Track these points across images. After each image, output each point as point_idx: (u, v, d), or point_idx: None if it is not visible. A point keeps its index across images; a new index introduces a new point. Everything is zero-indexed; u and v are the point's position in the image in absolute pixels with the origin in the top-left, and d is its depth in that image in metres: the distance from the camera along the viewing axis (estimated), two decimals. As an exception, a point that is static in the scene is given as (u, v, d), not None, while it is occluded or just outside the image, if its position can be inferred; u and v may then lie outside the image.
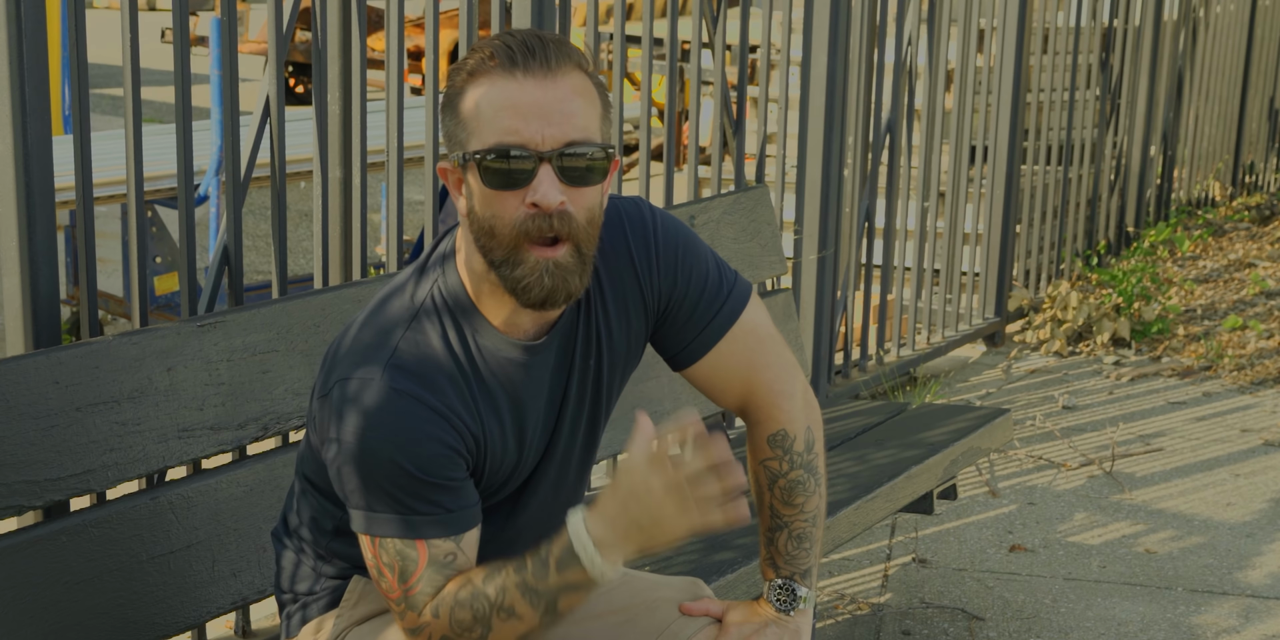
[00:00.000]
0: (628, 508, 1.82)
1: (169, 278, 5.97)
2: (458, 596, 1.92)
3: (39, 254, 2.52)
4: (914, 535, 4.13)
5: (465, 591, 1.92)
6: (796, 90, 6.18)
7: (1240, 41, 8.32)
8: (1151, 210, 7.59)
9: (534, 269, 1.89)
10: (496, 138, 1.87)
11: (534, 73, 1.87)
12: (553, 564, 1.87)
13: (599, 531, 1.85)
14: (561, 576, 1.87)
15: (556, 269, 1.90)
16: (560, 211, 1.88)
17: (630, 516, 1.82)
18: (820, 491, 2.21)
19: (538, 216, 1.88)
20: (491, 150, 1.87)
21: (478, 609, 1.91)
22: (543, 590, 1.88)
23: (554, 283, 1.90)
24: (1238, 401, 5.38)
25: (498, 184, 1.88)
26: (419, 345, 1.96)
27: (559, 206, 1.87)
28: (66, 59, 5.96)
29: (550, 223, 1.88)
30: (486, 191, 1.89)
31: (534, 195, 1.87)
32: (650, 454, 1.79)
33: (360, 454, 1.90)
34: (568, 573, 1.87)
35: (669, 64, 4.06)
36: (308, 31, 11.20)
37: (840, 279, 5.02)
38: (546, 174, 1.87)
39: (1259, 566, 3.98)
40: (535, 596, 1.88)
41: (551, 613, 1.90)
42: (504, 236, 1.89)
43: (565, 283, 1.91)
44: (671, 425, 1.78)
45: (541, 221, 1.88)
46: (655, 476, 1.79)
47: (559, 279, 1.90)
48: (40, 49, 2.48)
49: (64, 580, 2.28)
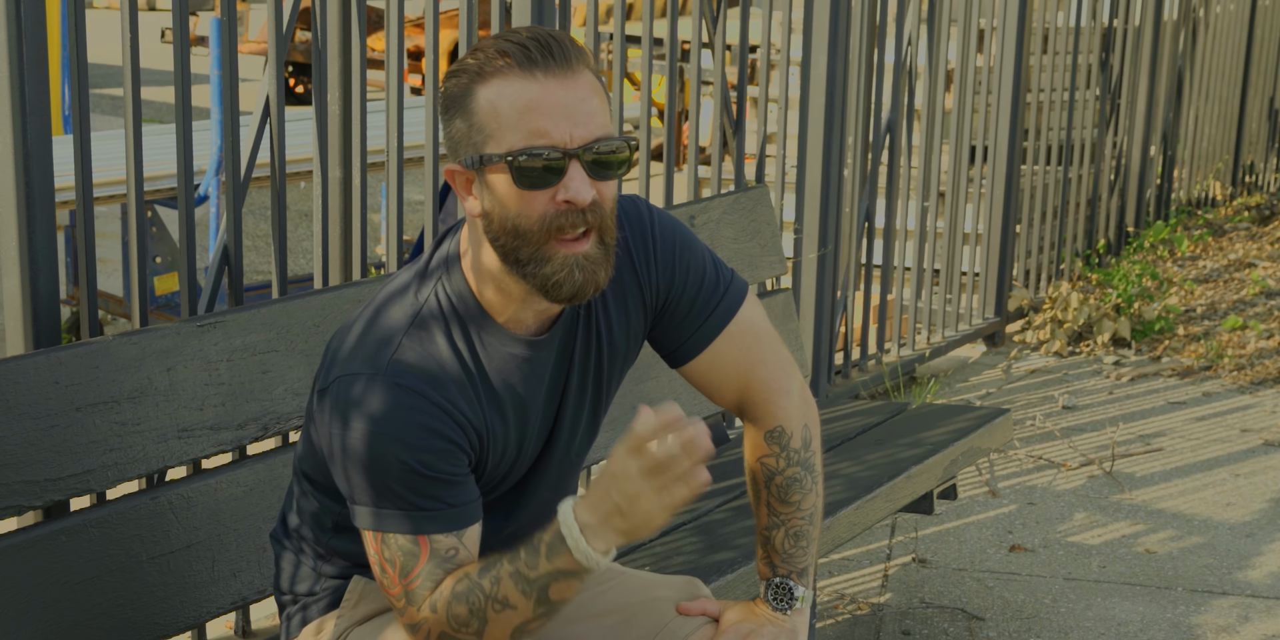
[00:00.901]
0: (609, 492, 1.84)
1: (169, 278, 5.97)
2: (454, 590, 1.93)
3: (39, 254, 2.52)
4: (914, 535, 4.13)
5: (462, 585, 1.93)
6: (796, 90, 6.18)
7: (1240, 41, 8.32)
8: (1151, 210, 7.59)
9: (564, 264, 1.92)
10: (524, 139, 1.89)
11: (554, 71, 1.89)
12: (543, 551, 1.89)
13: (585, 516, 1.87)
14: (551, 563, 1.88)
15: (586, 262, 1.92)
16: (591, 205, 1.91)
17: (612, 500, 1.84)
18: (817, 490, 2.21)
19: (570, 212, 1.90)
20: (523, 151, 1.88)
21: (473, 602, 1.92)
22: (534, 578, 1.89)
23: (584, 276, 1.93)
24: (1238, 401, 5.38)
25: (529, 184, 1.90)
26: (422, 342, 1.97)
27: (591, 201, 1.90)
28: (66, 59, 5.96)
29: (584, 217, 1.91)
30: (516, 191, 1.91)
31: (566, 193, 1.89)
32: (627, 440, 1.82)
33: (362, 449, 1.91)
34: (557, 559, 1.88)
35: (669, 64, 4.06)
36: (308, 31, 11.20)
37: (840, 279, 5.02)
38: (577, 171, 1.90)
39: (1259, 566, 3.98)
40: (528, 585, 1.89)
41: (544, 602, 1.91)
42: (532, 234, 1.91)
43: (594, 275, 1.94)
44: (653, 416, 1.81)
45: (575, 217, 1.91)
46: (632, 460, 1.81)
47: (589, 272, 1.93)
48: (40, 49, 2.49)
49: (64, 580, 2.28)
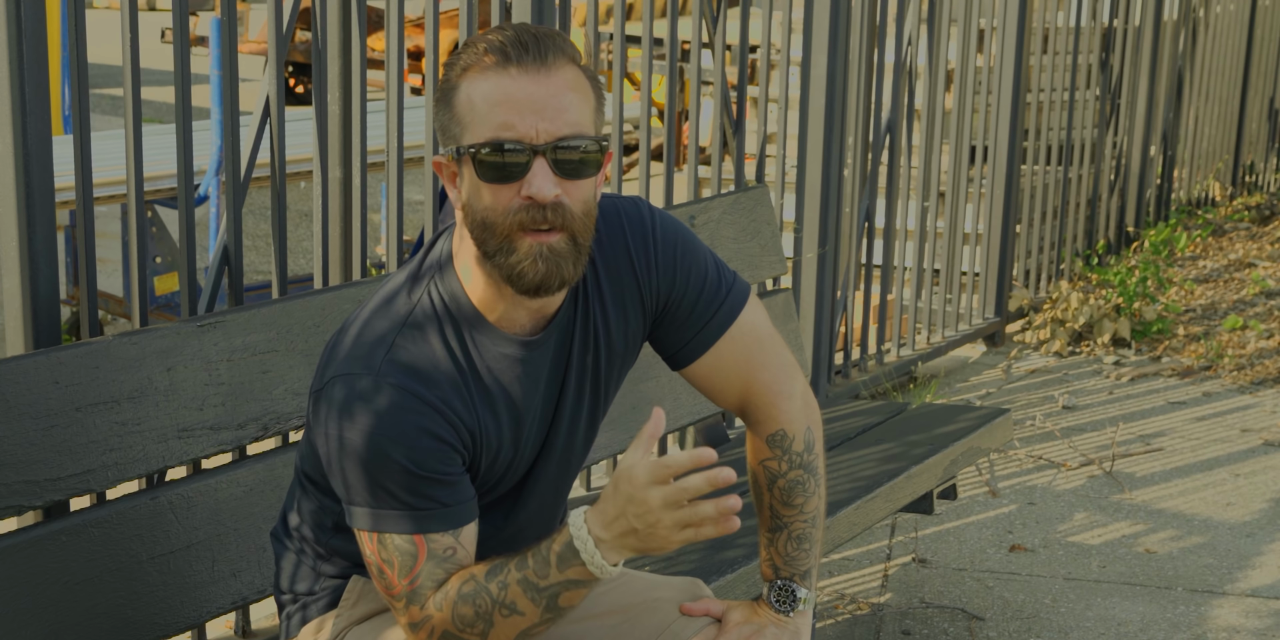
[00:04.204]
0: (625, 512, 1.83)
1: (169, 278, 5.96)
2: (460, 591, 1.93)
3: (39, 254, 2.52)
4: (914, 535, 4.13)
5: (468, 587, 1.93)
6: (796, 90, 6.18)
7: (1240, 41, 8.32)
8: (1151, 210, 7.59)
9: (528, 254, 1.91)
10: (491, 132, 1.89)
11: (527, 67, 1.89)
12: (554, 560, 1.89)
13: (598, 531, 1.86)
14: (562, 573, 1.88)
15: (551, 253, 1.91)
16: (555, 203, 1.90)
17: (627, 521, 1.84)
18: (820, 492, 2.21)
19: (532, 207, 1.90)
20: (486, 144, 1.89)
21: (480, 605, 1.91)
22: (544, 586, 1.89)
23: (548, 267, 1.91)
24: (1238, 401, 5.38)
25: (492, 177, 1.90)
26: (416, 342, 1.97)
27: (554, 199, 1.89)
28: (66, 59, 5.96)
29: (544, 214, 1.90)
30: (481, 184, 1.91)
31: (529, 188, 1.89)
32: (652, 468, 1.81)
33: (356, 450, 1.91)
34: (568, 569, 1.88)
35: (669, 64, 4.06)
36: (308, 31, 11.19)
37: (840, 279, 5.02)
38: (541, 167, 1.89)
39: (1259, 566, 3.98)
40: (537, 593, 1.90)
41: (553, 609, 1.91)
42: (498, 227, 1.91)
43: (559, 267, 1.92)
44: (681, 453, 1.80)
45: (536, 213, 1.90)
46: (655, 490, 1.81)
47: (553, 263, 1.91)
48: (40, 49, 2.48)
49: (64, 580, 2.28)
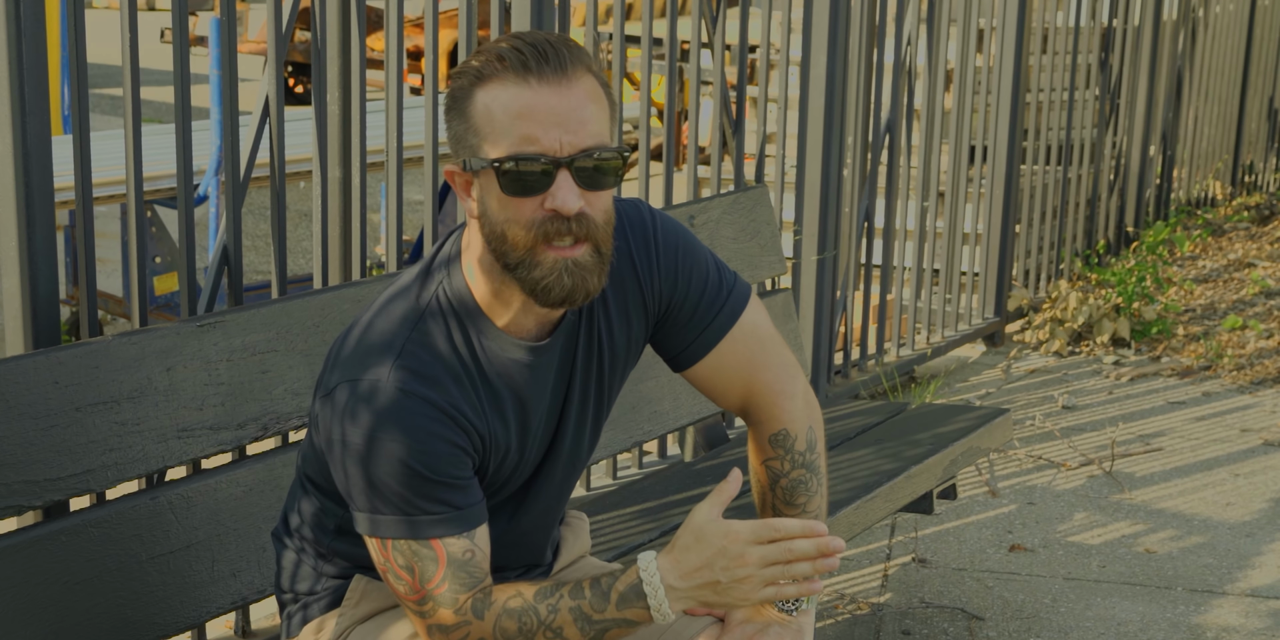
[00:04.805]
0: (711, 564, 1.85)
1: (169, 278, 5.96)
2: (507, 605, 1.92)
3: (39, 254, 2.52)
4: (914, 535, 4.13)
5: (516, 603, 1.92)
6: (796, 90, 6.17)
7: (1240, 41, 8.32)
8: (1151, 210, 7.59)
9: (553, 268, 1.90)
10: (514, 145, 1.87)
11: (548, 78, 1.87)
12: (614, 598, 1.89)
13: (672, 579, 1.87)
14: (620, 612, 1.89)
15: (576, 267, 1.90)
16: (578, 215, 1.89)
17: (712, 573, 1.85)
18: (822, 492, 2.21)
19: (555, 219, 1.88)
20: (510, 158, 1.87)
21: (525, 623, 1.91)
22: (596, 620, 1.90)
23: (574, 281, 1.90)
24: (1237, 401, 5.38)
25: (515, 190, 1.88)
26: (424, 346, 1.96)
27: (578, 211, 1.88)
28: (66, 59, 5.96)
29: (569, 226, 1.88)
30: (504, 197, 1.89)
31: (553, 201, 1.87)
32: (758, 529, 1.83)
33: (368, 455, 1.90)
34: (627, 610, 1.89)
35: (668, 64, 4.06)
36: (307, 31, 11.19)
37: (840, 279, 5.02)
38: (565, 180, 1.87)
39: (1259, 566, 3.98)
40: (588, 624, 1.90)
41: None
42: (520, 239, 1.90)
43: (585, 281, 1.91)
44: (793, 521, 1.86)
45: (560, 225, 1.88)
46: (756, 548, 1.83)
47: (579, 278, 1.91)
48: (40, 49, 2.48)
49: (64, 580, 2.28)
